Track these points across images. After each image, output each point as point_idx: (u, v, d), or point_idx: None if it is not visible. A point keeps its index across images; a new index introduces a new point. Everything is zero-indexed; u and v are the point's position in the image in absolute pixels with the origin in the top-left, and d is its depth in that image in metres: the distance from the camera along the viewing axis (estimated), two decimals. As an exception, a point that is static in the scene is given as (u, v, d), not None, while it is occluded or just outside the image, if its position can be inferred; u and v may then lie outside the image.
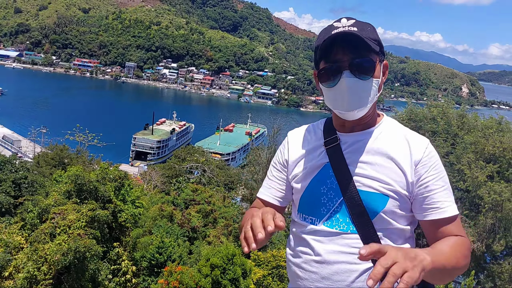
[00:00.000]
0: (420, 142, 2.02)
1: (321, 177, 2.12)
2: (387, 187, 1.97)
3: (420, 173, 1.97)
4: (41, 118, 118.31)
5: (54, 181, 19.65)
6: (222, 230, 23.96)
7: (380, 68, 2.03)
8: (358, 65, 1.93)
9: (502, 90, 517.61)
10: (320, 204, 2.09)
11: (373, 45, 1.94)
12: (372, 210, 1.97)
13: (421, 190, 1.97)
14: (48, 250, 12.47)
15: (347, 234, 2.00)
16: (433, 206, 1.96)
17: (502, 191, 19.25)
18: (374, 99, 2.02)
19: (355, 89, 1.94)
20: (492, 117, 24.83)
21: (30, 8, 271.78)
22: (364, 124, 2.09)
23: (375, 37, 2.00)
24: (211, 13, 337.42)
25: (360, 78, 1.94)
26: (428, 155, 2.00)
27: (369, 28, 2.00)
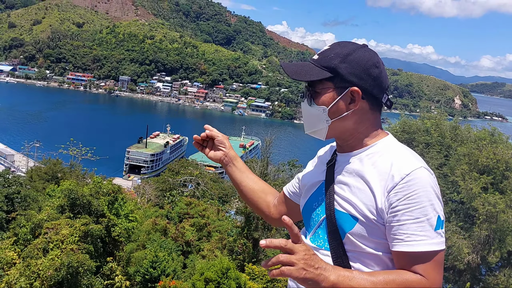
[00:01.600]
0: (402, 168, 1.89)
1: (316, 194, 2.20)
2: (357, 209, 1.95)
3: (392, 201, 1.87)
4: (34, 132, 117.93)
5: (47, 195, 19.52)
6: (216, 244, 23.83)
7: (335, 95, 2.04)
8: (303, 93, 2.16)
9: (495, 102, 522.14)
10: (311, 219, 2.18)
11: (315, 74, 2.04)
12: (342, 230, 1.99)
13: (390, 218, 1.87)
14: (40, 265, 12.34)
15: (322, 250, 2.06)
16: (399, 237, 1.85)
17: (497, 202, 19.29)
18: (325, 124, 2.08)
19: (305, 113, 2.16)
20: (485, 129, 24.99)
21: (24, 23, 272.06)
22: (349, 145, 2.12)
23: (329, 64, 2.03)
24: (205, 26, 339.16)
25: (308, 103, 2.11)
26: (407, 182, 1.86)
27: (332, 54, 2.05)
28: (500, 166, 20.41)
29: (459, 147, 22.72)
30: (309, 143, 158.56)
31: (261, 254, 23.35)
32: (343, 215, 1.99)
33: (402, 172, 1.88)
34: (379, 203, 1.90)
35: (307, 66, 2.08)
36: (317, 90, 2.05)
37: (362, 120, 2.07)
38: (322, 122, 2.07)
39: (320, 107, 2.04)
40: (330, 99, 2.03)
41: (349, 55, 2.03)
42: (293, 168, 39.23)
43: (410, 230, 1.83)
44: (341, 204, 2.01)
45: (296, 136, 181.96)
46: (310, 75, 2.04)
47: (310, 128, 2.15)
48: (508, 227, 19.43)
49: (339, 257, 1.98)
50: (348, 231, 1.96)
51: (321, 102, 2.04)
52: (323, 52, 2.11)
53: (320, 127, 2.09)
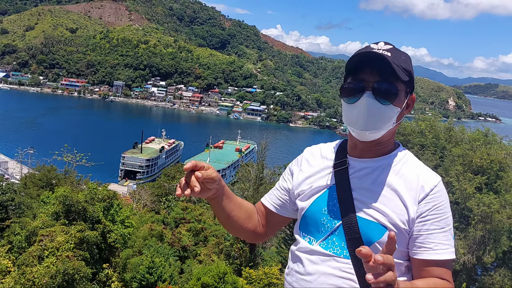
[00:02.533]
0: (429, 180, 1.99)
1: (325, 198, 2.12)
2: (387, 219, 1.95)
3: (422, 211, 1.94)
4: (28, 139, 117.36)
5: (41, 202, 19.44)
6: (213, 249, 23.80)
7: (405, 99, 2.03)
8: (381, 89, 1.95)
9: (488, 103, 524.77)
10: (319, 225, 2.10)
11: (401, 74, 1.95)
12: (368, 238, 1.95)
13: (419, 227, 1.94)
14: (36, 273, 12.28)
15: (340, 258, 2.00)
16: (427, 246, 1.93)
17: (491, 202, 19.38)
18: (390, 127, 2.02)
19: (373, 111, 1.95)
20: (479, 130, 25.13)
21: (17, 29, 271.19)
22: (376, 151, 2.08)
23: (407, 67, 2.00)
24: (199, 31, 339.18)
25: (380, 102, 1.95)
26: (435, 194, 1.96)
27: (403, 57, 2.02)
28: (494, 166, 20.51)
29: (453, 148, 22.82)
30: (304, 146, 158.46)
31: (258, 258, 23.33)
32: (369, 223, 1.96)
33: (431, 184, 1.97)
34: (411, 213, 1.94)
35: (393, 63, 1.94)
36: (397, 90, 1.98)
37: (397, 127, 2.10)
38: (390, 123, 2.01)
39: (395, 108, 1.99)
40: (402, 102, 2.02)
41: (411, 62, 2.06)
42: (288, 171, 39.13)
43: (437, 239, 1.92)
44: (366, 211, 1.98)
45: (292, 139, 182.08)
46: (400, 73, 1.95)
47: (373, 127, 1.98)
48: (503, 227, 19.51)
49: (361, 265, 1.88)
50: (376, 240, 1.94)
51: (397, 103, 1.98)
52: (393, 50, 2.01)
53: (386, 128, 2.01)
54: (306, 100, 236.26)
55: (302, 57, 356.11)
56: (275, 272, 18.54)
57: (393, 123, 2.01)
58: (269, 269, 18.55)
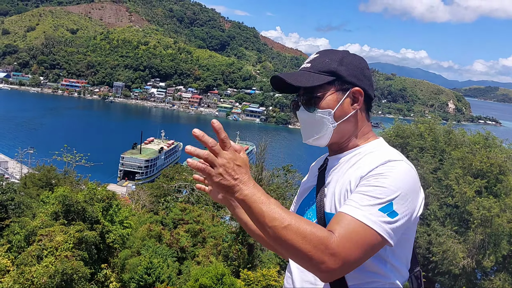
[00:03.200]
0: (379, 159, 1.87)
1: (308, 199, 2.19)
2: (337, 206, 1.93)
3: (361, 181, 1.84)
4: (28, 139, 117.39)
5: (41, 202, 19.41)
6: (211, 250, 23.77)
7: (339, 97, 2.04)
8: (304, 100, 2.08)
9: (488, 106, 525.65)
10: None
11: (316, 80, 2.02)
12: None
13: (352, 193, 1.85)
14: (34, 272, 12.26)
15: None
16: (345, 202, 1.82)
17: (491, 206, 19.37)
18: (330, 128, 2.04)
19: (305, 121, 2.10)
20: (479, 133, 25.14)
21: (18, 30, 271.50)
22: (344, 148, 2.12)
23: (328, 68, 2.05)
24: (199, 32, 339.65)
25: (308, 110, 2.07)
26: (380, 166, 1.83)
27: (327, 60, 2.08)
28: (494, 170, 20.51)
29: (453, 151, 22.82)
30: (303, 148, 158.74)
31: (256, 260, 23.31)
32: (330, 216, 1.94)
33: (379, 161, 1.84)
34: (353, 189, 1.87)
35: (304, 74, 2.07)
36: (318, 95, 2.03)
37: (358, 121, 2.09)
38: (327, 126, 2.04)
39: (325, 111, 2.02)
40: (334, 102, 2.03)
41: (344, 59, 2.08)
42: (287, 173, 39.23)
43: (357, 198, 1.76)
44: (328, 205, 2.00)
45: (291, 141, 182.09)
46: (312, 81, 2.02)
47: (311, 135, 2.09)
48: (503, 231, 19.50)
49: None
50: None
51: (325, 106, 2.02)
52: (314, 59, 2.13)
53: (324, 132, 2.05)
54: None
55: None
56: (273, 274, 18.52)
57: (332, 124, 2.03)
58: (267, 271, 18.52)
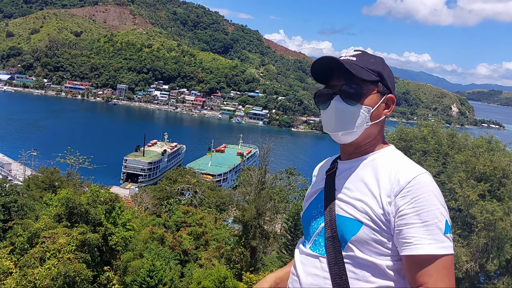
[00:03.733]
0: (407, 173, 1.90)
1: (316, 202, 2.20)
2: (362, 213, 1.93)
3: (399, 205, 1.86)
4: (31, 141, 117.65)
5: (44, 204, 19.46)
6: (214, 253, 23.75)
7: (378, 98, 2.06)
8: (345, 90, 2.03)
9: (491, 109, 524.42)
10: (310, 227, 2.17)
11: (365, 75, 2.02)
12: (344, 235, 1.96)
13: (399, 222, 1.85)
14: (37, 275, 12.28)
15: (322, 257, 2.03)
16: (408, 241, 1.82)
17: (495, 210, 19.30)
18: (364, 126, 2.04)
19: (341, 113, 2.05)
20: (482, 136, 25.06)
21: (22, 32, 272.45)
22: (360, 152, 2.12)
23: (375, 68, 2.06)
24: (202, 35, 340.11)
25: (347, 102, 2.03)
26: (413, 186, 1.86)
27: (372, 60, 2.10)
28: (497, 174, 20.44)
29: (456, 155, 22.76)
30: (306, 151, 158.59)
31: (259, 263, 23.27)
32: (346, 219, 1.97)
33: (408, 177, 1.88)
34: (385, 205, 1.89)
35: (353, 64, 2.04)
36: (363, 90, 2.03)
37: (382, 127, 2.13)
38: (362, 123, 2.04)
39: (365, 107, 2.03)
40: (374, 102, 2.05)
41: (385, 65, 2.11)
42: (290, 176, 39.19)
43: (419, 233, 1.80)
44: (343, 208, 2.00)
45: (294, 144, 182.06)
46: (363, 74, 2.03)
47: (343, 128, 2.05)
48: (507, 235, 19.42)
49: (335, 264, 1.96)
50: (352, 236, 1.94)
51: (367, 103, 2.03)
52: (358, 55, 2.11)
53: (358, 128, 2.04)
54: (308, 105, 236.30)
55: (305, 62, 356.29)
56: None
57: (367, 122, 2.04)
58: (270, 274, 18.51)
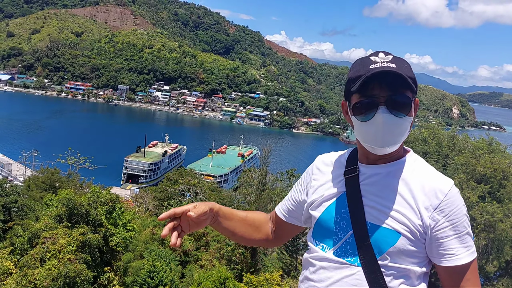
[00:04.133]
0: (442, 185, 1.95)
1: (337, 206, 2.11)
2: (400, 224, 1.93)
3: (438, 219, 1.91)
4: (32, 141, 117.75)
5: (44, 205, 19.48)
6: (214, 254, 23.77)
7: (413, 105, 1.99)
8: (395, 102, 1.91)
9: (492, 111, 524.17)
10: (332, 233, 2.09)
11: (410, 84, 1.91)
12: (380, 245, 1.94)
13: (438, 235, 1.92)
14: (37, 275, 12.29)
15: (353, 266, 1.99)
16: (449, 252, 1.93)
17: (495, 211, 19.32)
18: (406, 136, 1.99)
19: (390, 126, 1.91)
20: (482, 138, 25.09)
21: (23, 32, 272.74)
22: (388, 158, 2.05)
23: (411, 74, 1.95)
24: (204, 36, 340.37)
25: (396, 115, 1.91)
26: (449, 199, 1.92)
27: (405, 65, 1.97)
28: (497, 175, 20.46)
29: (456, 157, 22.78)
30: (307, 153, 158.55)
31: (259, 264, 23.27)
32: (382, 229, 1.94)
33: (444, 189, 1.94)
34: (425, 219, 1.92)
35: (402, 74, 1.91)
36: (411, 101, 1.95)
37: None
38: (406, 133, 1.97)
39: (410, 118, 1.96)
40: (412, 110, 1.98)
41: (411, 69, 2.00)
42: (291, 177, 39.22)
43: (457, 244, 1.92)
44: (378, 217, 1.96)
45: (295, 145, 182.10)
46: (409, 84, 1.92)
47: (394, 141, 1.95)
48: (506, 236, 19.43)
49: (372, 273, 1.93)
50: (391, 247, 1.92)
51: (411, 113, 1.97)
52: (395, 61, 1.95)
53: (403, 139, 1.98)
54: (309, 106, 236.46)
55: (306, 63, 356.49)
56: (276, 278, 18.49)
57: (408, 132, 1.99)
58: (270, 275, 18.50)
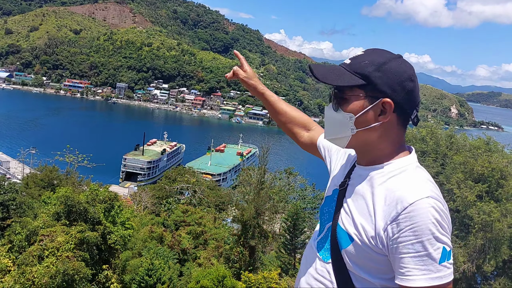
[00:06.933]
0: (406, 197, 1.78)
1: (330, 199, 2.17)
2: (354, 230, 1.90)
3: (393, 232, 1.77)
4: (30, 139, 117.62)
5: (42, 202, 19.49)
6: (212, 252, 23.80)
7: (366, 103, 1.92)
8: (331, 95, 2.05)
9: (491, 111, 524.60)
10: (321, 222, 2.18)
11: (345, 80, 1.93)
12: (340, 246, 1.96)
13: (393, 250, 1.78)
14: (36, 273, 12.30)
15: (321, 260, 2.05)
16: (400, 271, 1.76)
17: (492, 211, 19.37)
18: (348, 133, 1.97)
19: (328, 118, 2.05)
20: (480, 138, 25.16)
21: (21, 29, 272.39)
22: (369, 159, 2.02)
23: (363, 71, 1.91)
24: (203, 34, 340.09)
25: (333, 108, 2.02)
26: (409, 213, 1.74)
27: (366, 61, 1.94)
28: (495, 175, 20.51)
29: (455, 156, 22.83)
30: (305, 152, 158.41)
31: (257, 262, 23.30)
32: (341, 231, 1.95)
33: (405, 202, 1.76)
34: (378, 229, 1.82)
35: (337, 70, 1.98)
36: (346, 96, 1.95)
37: (386, 135, 1.96)
38: (347, 130, 1.96)
39: (347, 114, 1.94)
40: (359, 108, 1.92)
41: (384, 64, 1.91)
42: (289, 176, 39.28)
43: (411, 264, 1.73)
44: (342, 219, 1.97)
45: (293, 144, 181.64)
46: (340, 80, 1.93)
47: (331, 135, 2.05)
48: (503, 236, 19.49)
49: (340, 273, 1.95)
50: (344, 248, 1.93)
51: (349, 109, 1.94)
52: (356, 57, 1.99)
53: (343, 134, 1.99)
54: (308, 105, 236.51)
55: (305, 62, 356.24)
56: (274, 277, 18.53)
57: (352, 129, 1.95)
58: (269, 274, 18.54)
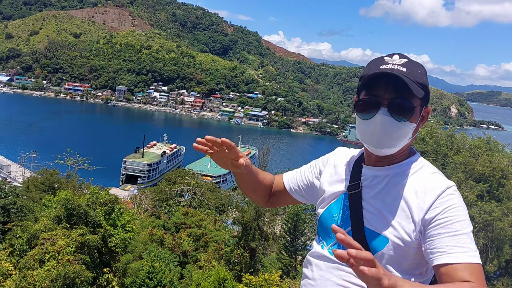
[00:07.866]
0: (437, 185, 1.88)
1: (337, 205, 2.12)
2: (391, 230, 1.90)
3: (431, 216, 1.82)
4: (31, 143, 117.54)
5: (43, 206, 19.47)
6: (213, 254, 23.77)
7: (420, 113, 1.97)
8: (396, 106, 1.90)
9: (491, 110, 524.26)
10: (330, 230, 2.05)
11: (416, 90, 1.88)
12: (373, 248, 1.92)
13: (431, 232, 1.81)
14: (37, 276, 12.29)
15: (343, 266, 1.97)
16: (441, 250, 1.76)
17: (493, 210, 19.34)
18: (406, 142, 1.98)
19: (388, 129, 1.91)
20: (480, 137, 25.14)
21: (21, 34, 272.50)
22: (390, 160, 2.03)
23: (423, 81, 1.93)
24: (202, 36, 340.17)
25: (396, 118, 1.90)
26: (444, 197, 1.84)
27: (419, 71, 1.95)
28: (496, 174, 20.49)
29: (455, 156, 22.81)
30: (306, 152, 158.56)
31: (258, 264, 23.28)
32: (373, 234, 1.93)
33: (439, 189, 1.86)
34: (417, 223, 1.85)
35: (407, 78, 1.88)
36: (414, 107, 1.92)
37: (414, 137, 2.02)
38: (406, 139, 1.96)
39: (411, 124, 1.93)
40: (417, 117, 1.95)
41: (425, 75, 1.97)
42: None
43: (453, 242, 1.75)
44: (371, 222, 1.96)
45: (293, 145, 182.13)
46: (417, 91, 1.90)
47: (389, 145, 1.95)
48: (505, 235, 19.45)
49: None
50: (378, 251, 1.91)
51: (413, 119, 1.93)
52: (407, 64, 1.95)
53: (401, 144, 1.96)
54: (307, 106, 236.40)
55: (304, 63, 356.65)
56: (275, 279, 18.49)
57: (409, 138, 1.97)
58: (269, 276, 18.50)
